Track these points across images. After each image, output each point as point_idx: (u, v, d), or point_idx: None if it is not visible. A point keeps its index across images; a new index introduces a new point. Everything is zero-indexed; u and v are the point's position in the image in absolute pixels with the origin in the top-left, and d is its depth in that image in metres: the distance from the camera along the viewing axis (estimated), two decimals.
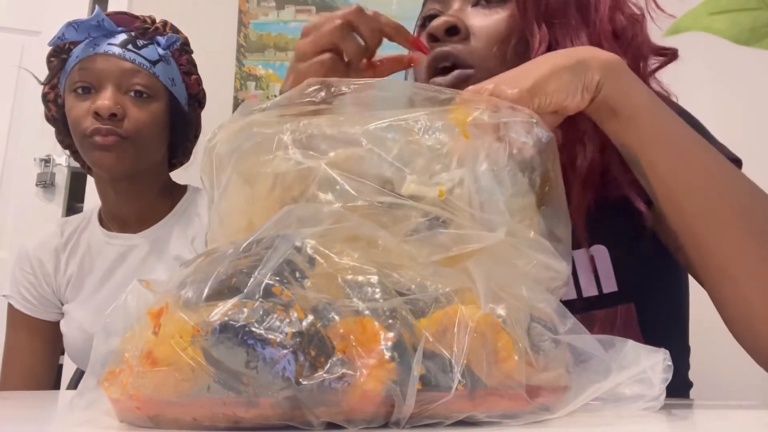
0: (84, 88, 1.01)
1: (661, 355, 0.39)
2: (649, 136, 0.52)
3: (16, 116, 1.94)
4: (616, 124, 0.53)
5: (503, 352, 0.34)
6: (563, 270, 0.42)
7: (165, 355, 0.31)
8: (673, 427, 0.36)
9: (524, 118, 0.44)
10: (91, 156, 1.01)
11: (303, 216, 0.36)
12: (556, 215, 0.45)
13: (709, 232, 0.51)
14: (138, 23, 1.05)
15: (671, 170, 0.52)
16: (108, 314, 0.36)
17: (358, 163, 0.39)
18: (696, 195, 0.51)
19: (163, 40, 1.06)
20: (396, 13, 1.90)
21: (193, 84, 1.11)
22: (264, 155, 0.41)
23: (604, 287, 0.67)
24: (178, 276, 0.36)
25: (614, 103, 0.52)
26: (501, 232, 0.38)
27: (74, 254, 1.11)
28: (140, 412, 0.32)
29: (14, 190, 1.89)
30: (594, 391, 0.37)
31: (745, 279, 0.50)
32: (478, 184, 0.39)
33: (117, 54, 1.01)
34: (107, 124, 0.98)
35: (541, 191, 0.43)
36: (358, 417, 0.30)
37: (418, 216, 0.38)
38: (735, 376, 1.19)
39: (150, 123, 1.02)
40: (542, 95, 0.48)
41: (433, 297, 0.34)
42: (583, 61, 0.51)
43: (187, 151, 1.18)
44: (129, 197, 1.08)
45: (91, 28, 1.02)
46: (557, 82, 0.49)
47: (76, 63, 1.02)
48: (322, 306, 0.31)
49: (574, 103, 0.50)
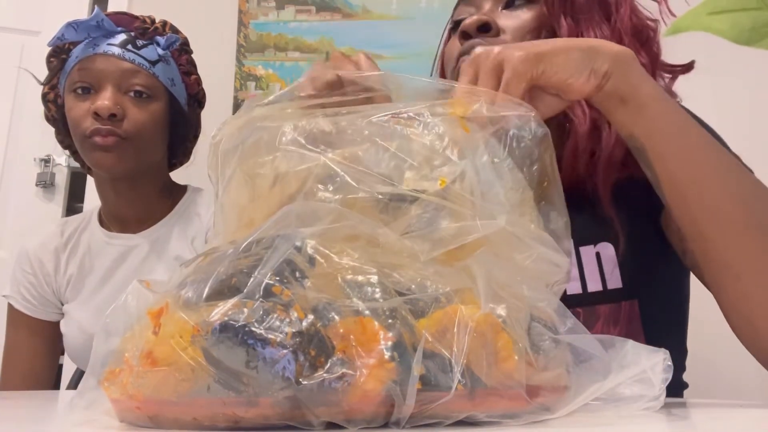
0: (83, 89, 1.01)
1: (661, 355, 0.39)
2: (657, 126, 0.53)
3: (16, 116, 1.94)
4: (624, 113, 0.53)
5: (503, 352, 0.34)
6: (563, 264, 0.42)
7: (165, 355, 0.31)
8: (673, 427, 0.36)
9: (523, 111, 0.44)
10: (91, 156, 1.01)
11: (302, 215, 0.36)
12: (554, 210, 0.45)
13: (713, 224, 0.51)
14: (138, 23, 1.05)
15: (678, 161, 0.52)
16: (108, 314, 0.36)
17: (358, 158, 0.39)
18: (701, 186, 0.52)
19: (162, 40, 1.06)
20: (396, 13, 1.90)
21: (193, 84, 1.11)
22: (265, 155, 0.41)
23: (609, 284, 0.68)
24: (178, 276, 0.36)
25: (623, 93, 0.52)
26: (502, 219, 0.38)
27: (74, 254, 1.11)
28: (140, 411, 0.32)
29: (14, 190, 1.89)
30: (594, 391, 0.37)
31: (747, 273, 0.50)
32: (478, 177, 0.39)
33: (116, 54, 1.01)
34: (107, 125, 0.98)
35: (539, 187, 0.44)
36: (358, 417, 0.30)
37: (419, 210, 0.38)
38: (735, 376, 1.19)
39: (150, 123, 1.02)
40: (548, 63, 0.49)
41: (433, 297, 0.34)
42: (596, 47, 0.52)
43: (186, 151, 1.18)
44: (129, 197, 1.08)
45: (90, 29, 1.02)
46: (566, 57, 0.50)
47: (76, 63, 1.01)
48: (322, 306, 0.31)
49: (578, 83, 0.51)
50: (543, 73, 0.49)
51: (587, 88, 0.52)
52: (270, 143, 0.41)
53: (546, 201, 0.44)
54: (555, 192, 0.45)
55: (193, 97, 1.12)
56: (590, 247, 0.68)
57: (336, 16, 1.92)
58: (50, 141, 1.92)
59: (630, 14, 0.70)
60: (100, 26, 1.01)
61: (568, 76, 0.50)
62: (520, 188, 0.42)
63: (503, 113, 0.43)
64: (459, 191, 0.38)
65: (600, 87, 0.52)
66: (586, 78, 0.51)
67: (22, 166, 1.89)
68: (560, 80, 0.50)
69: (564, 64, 0.50)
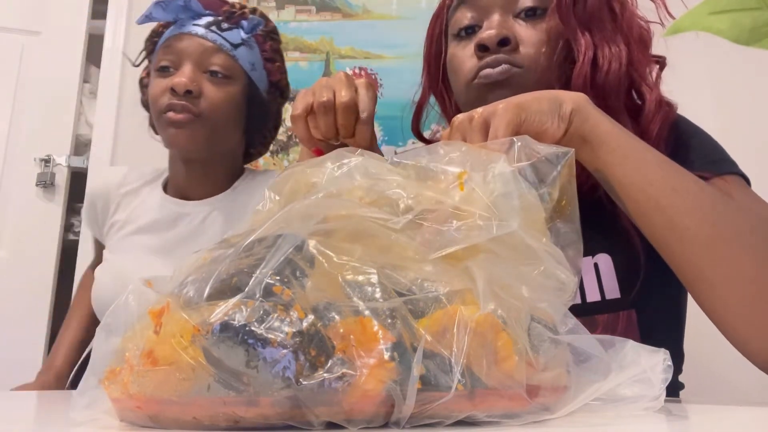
0: (164, 67, 1.02)
1: (660, 355, 0.39)
2: (617, 159, 0.56)
3: (16, 116, 1.93)
4: (587, 151, 0.57)
5: (503, 352, 0.34)
6: (570, 283, 0.42)
7: (166, 355, 0.31)
8: (672, 427, 0.36)
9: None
10: (166, 134, 1.01)
11: (304, 213, 0.36)
12: (568, 229, 0.45)
13: (680, 242, 0.54)
14: (226, 7, 1.06)
15: (639, 188, 0.56)
16: (109, 313, 0.36)
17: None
18: (663, 208, 0.54)
19: (246, 23, 1.06)
20: (396, 13, 1.90)
21: (275, 71, 1.10)
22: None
23: (607, 294, 0.70)
24: (180, 275, 0.36)
25: (583, 133, 0.57)
26: (514, 222, 0.38)
27: (129, 202, 1.12)
28: (141, 411, 0.32)
29: (14, 190, 1.89)
30: (594, 391, 0.37)
31: (720, 283, 0.52)
32: (490, 191, 0.40)
33: (199, 34, 1.02)
34: (182, 101, 0.98)
35: (558, 204, 0.44)
36: (358, 417, 0.30)
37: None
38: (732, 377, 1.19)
39: (225, 104, 1.02)
40: (528, 112, 0.54)
41: (433, 297, 0.34)
42: (557, 95, 0.57)
43: (265, 141, 1.16)
44: (199, 180, 1.08)
45: (178, 9, 1.03)
46: (539, 105, 0.55)
47: (162, 43, 1.04)
48: (323, 306, 0.31)
49: (552, 129, 0.55)
50: (525, 120, 0.54)
51: (558, 133, 0.56)
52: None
53: (562, 221, 0.45)
54: (571, 213, 0.46)
55: (275, 84, 1.11)
56: (588, 258, 0.70)
57: (336, 16, 1.92)
58: (50, 141, 1.94)
59: (631, 19, 0.72)
60: (187, 7, 1.03)
61: (543, 122, 0.55)
62: (531, 209, 0.42)
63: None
64: (478, 194, 0.39)
65: (566, 131, 0.56)
66: (557, 124, 0.55)
67: (22, 166, 1.89)
68: (538, 127, 0.54)
69: (539, 111, 0.55)
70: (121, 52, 1.90)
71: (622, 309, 0.70)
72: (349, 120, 0.67)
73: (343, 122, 0.67)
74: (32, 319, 1.78)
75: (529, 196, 0.42)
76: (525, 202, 0.41)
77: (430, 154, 0.44)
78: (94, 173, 1.86)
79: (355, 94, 0.67)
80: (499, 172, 0.41)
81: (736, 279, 0.52)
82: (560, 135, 0.56)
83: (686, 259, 0.54)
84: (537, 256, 0.40)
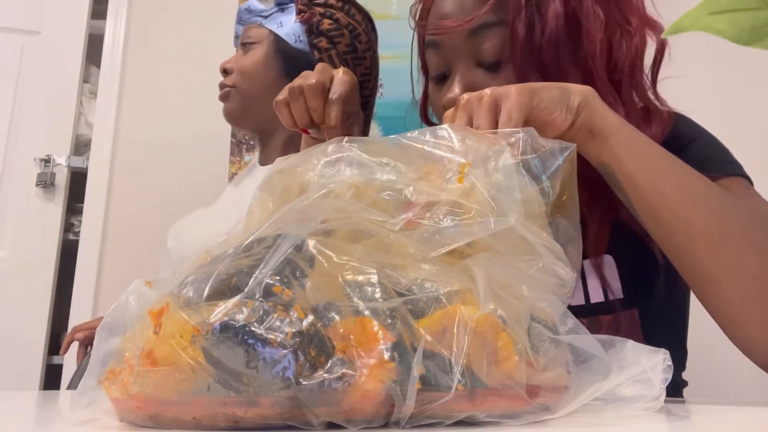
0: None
1: (661, 355, 0.39)
2: (624, 152, 0.56)
3: (16, 116, 1.93)
4: (594, 144, 0.57)
5: (503, 352, 0.34)
6: (568, 279, 0.41)
7: (165, 355, 0.31)
8: (673, 427, 0.36)
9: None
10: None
11: (304, 212, 0.36)
12: (568, 224, 0.45)
13: (687, 239, 0.53)
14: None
15: (646, 182, 0.55)
16: (108, 314, 0.36)
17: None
18: (670, 203, 0.54)
19: None
20: (396, 13, 1.90)
21: (307, 18, 1.09)
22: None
23: (611, 294, 0.70)
24: (179, 275, 0.36)
25: (591, 125, 0.56)
26: (512, 217, 0.38)
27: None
28: (140, 411, 0.32)
29: (14, 190, 1.89)
30: (594, 391, 0.37)
31: (725, 279, 0.52)
32: (491, 185, 0.40)
33: (243, 19, 1.14)
34: (223, 80, 1.11)
35: (558, 200, 0.44)
36: (358, 417, 0.30)
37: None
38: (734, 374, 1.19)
39: (251, 67, 1.10)
40: (539, 98, 0.54)
41: (433, 297, 0.34)
42: (566, 86, 0.57)
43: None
44: (263, 149, 1.16)
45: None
46: (550, 93, 0.55)
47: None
48: (323, 306, 0.31)
49: (559, 119, 0.55)
50: (536, 106, 0.53)
51: (565, 124, 0.55)
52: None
53: (562, 216, 0.45)
54: (572, 208, 0.46)
55: (311, 29, 1.09)
56: (593, 259, 0.71)
57: None
58: (50, 141, 1.94)
59: (602, 47, 0.66)
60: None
61: (553, 111, 0.54)
62: (532, 202, 0.42)
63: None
64: (478, 189, 0.39)
65: (573, 122, 0.56)
66: (565, 114, 0.55)
67: (22, 166, 1.89)
68: (547, 115, 0.54)
69: (550, 99, 0.54)
70: (122, 52, 1.90)
71: (625, 309, 0.70)
72: (317, 103, 0.71)
73: (312, 105, 0.71)
74: (32, 319, 1.78)
75: (530, 190, 0.42)
76: (526, 196, 0.41)
77: (435, 138, 0.43)
78: (94, 173, 1.86)
79: (328, 80, 0.71)
80: (502, 165, 0.41)
81: (741, 276, 0.52)
82: (567, 126, 0.55)
83: (691, 255, 0.54)
84: (536, 252, 0.40)
